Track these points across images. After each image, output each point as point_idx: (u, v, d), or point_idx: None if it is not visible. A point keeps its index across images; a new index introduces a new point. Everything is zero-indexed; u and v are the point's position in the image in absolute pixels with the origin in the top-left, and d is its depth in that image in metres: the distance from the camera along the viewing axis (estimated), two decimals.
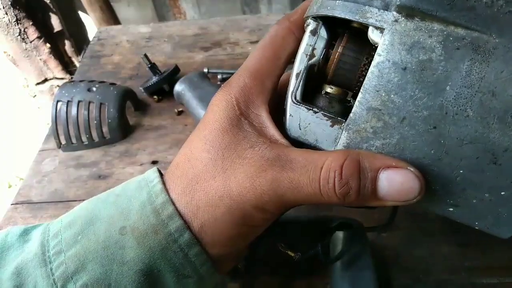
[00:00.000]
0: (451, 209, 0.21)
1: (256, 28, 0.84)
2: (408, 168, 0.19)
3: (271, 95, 0.24)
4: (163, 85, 0.69)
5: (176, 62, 0.74)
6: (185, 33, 0.86)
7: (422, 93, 0.19)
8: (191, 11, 1.94)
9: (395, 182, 0.19)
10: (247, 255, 0.27)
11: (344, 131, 0.21)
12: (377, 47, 0.20)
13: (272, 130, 0.23)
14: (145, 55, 0.69)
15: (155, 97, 0.70)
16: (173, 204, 0.22)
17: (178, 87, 0.64)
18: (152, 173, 0.24)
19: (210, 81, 0.65)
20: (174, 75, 0.70)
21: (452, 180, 0.20)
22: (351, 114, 0.21)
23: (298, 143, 0.23)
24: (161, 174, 0.24)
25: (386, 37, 0.19)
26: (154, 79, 0.68)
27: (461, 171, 0.19)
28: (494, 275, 0.43)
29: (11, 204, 0.57)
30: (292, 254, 0.26)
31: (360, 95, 0.20)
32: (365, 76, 0.20)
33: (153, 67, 0.69)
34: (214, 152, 0.22)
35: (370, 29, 0.20)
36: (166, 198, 0.22)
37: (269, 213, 0.22)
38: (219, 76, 0.71)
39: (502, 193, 0.19)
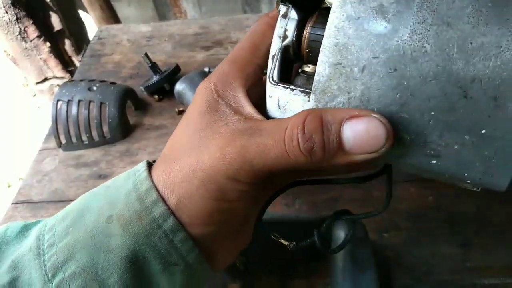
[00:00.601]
0: (434, 161, 0.20)
1: None
2: (372, 115, 0.19)
3: (252, 80, 0.25)
4: (164, 84, 0.69)
5: (176, 61, 0.74)
6: (186, 32, 0.85)
7: (378, 38, 0.19)
8: (192, 11, 1.94)
9: (360, 131, 0.19)
10: (244, 253, 0.26)
11: (312, 95, 0.21)
12: None
13: (248, 108, 0.23)
14: (146, 54, 0.69)
15: (155, 96, 0.70)
16: (157, 190, 0.22)
17: (179, 87, 0.64)
18: (141, 164, 0.24)
19: None
20: (174, 74, 0.70)
21: (425, 125, 0.19)
22: (315, 76, 0.21)
23: None
24: (150, 165, 0.25)
25: None
26: (155, 78, 0.68)
27: (432, 113, 0.19)
28: (495, 276, 0.43)
29: (12, 204, 0.57)
30: (286, 243, 0.26)
31: (320, 54, 0.20)
32: None
33: (154, 66, 0.69)
34: (192, 133, 0.23)
35: None
36: (150, 185, 0.22)
37: (242, 183, 0.22)
38: None
39: (483, 131, 0.18)
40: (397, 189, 0.51)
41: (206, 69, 0.72)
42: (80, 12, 1.65)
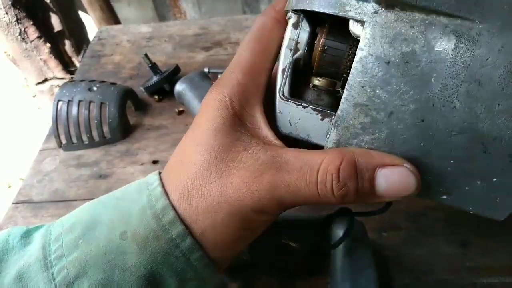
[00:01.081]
0: (444, 197, 0.21)
1: None
2: (404, 165, 0.20)
3: (265, 93, 0.24)
4: (164, 84, 0.69)
5: (176, 62, 0.74)
6: (186, 33, 0.86)
7: (408, 87, 0.19)
8: (191, 11, 1.94)
9: (393, 180, 0.20)
10: (250, 251, 0.27)
11: (333, 128, 0.21)
12: (359, 39, 0.19)
13: (265, 131, 0.23)
14: (146, 55, 0.69)
15: (155, 96, 0.70)
16: (174, 209, 0.22)
17: (179, 87, 0.64)
18: (152, 176, 0.24)
19: (210, 81, 0.65)
20: (174, 75, 0.70)
21: (443, 170, 0.20)
22: (338, 111, 0.20)
23: (290, 139, 0.23)
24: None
25: (367, 30, 0.19)
26: (155, 78, 0.68)
27: (451, 161, 0.19)
28: (494, 275, 0.43)
29: (12, 204, 0.57)
30: (294, 245, 0.26)
31: (345, 91, 0.20)
32: (350, 67, 0.20)
33: (154, 67, 0.69)
34: (207, 154, 0.22)
35: (351, 22, 0.19)
36: (166, 203, 0.22)
37: (268, 214, 0.22)
38: (219, 76, 0.71)
39: (494, 179, 0.19)
40: None
41: (206, 70, 0.72)
42: (80, 13, 1.65)
